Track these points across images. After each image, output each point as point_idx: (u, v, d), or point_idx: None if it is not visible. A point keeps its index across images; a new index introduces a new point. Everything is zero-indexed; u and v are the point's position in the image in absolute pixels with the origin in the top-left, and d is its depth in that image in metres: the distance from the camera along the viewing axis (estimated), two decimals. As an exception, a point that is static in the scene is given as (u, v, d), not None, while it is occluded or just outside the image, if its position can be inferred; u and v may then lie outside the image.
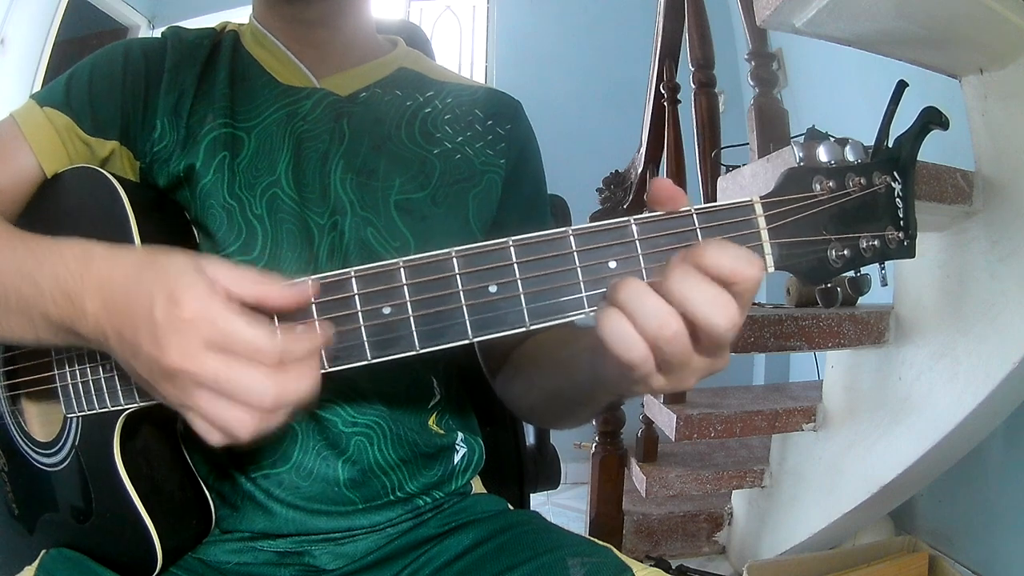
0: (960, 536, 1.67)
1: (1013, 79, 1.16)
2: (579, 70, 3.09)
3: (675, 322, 0.41)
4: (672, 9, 1.96)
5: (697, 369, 0.44)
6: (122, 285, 0.46)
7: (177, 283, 0.43)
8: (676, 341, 0.41)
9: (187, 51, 0.71)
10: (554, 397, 0.65)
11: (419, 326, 0.46)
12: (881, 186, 0.47)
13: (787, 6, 1.06)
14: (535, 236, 0.45)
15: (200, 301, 0.43)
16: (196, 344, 0.42)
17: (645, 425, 1.89)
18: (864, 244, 0.47)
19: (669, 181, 0.46)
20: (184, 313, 0.43)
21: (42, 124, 0.65)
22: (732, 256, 0.41)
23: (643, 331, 0.41)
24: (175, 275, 0.44)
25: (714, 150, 1.75)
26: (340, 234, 0.67)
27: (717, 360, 0.44)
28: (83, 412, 0.58)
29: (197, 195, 0.65)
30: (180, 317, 0.42)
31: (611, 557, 0.63)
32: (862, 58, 1.35)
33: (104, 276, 0.47)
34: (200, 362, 0.42)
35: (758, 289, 0.42)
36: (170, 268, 0.45)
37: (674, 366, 0.43)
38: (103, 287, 0.46)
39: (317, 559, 0.66)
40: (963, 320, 1.25)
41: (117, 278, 0.46)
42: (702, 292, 0.41)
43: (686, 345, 0.42)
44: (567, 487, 2.62)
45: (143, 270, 0.46)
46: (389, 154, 0.70)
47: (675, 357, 0.42)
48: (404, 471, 0.69)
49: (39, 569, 0.60)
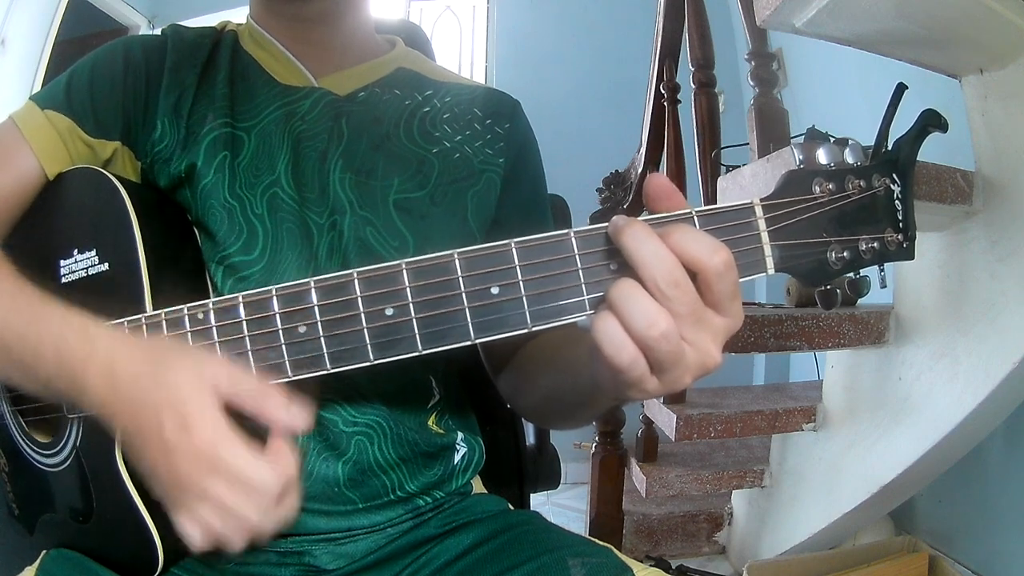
0: (960, 536, 1.67)
1: (1013, 79, 1.16)
2: (579, 70, 3.08)
3: (663, 320, 0.41)
4: (672, 9, 1.96)
5: (690, 367, 0.44)
6: (128, 393, 0.48)
7: (187, 408, 0.45)
8: (665, 340, 0.41)
9: (188, 50, 0.71)
10: (556, 398, 0.65)
11: (421, 328, 0.46)
12: (880, 188, 0.47)
13: (787, 6, 1.06)
14: (537, 238, 0.45)
15: (210, 432, 0.45)
16: (206, 469, 0.45)
17: (645, 425, 1.89)
18: (864, 246, 0.47)
19: (664, 177, 0.46)
20: (195, 441, 0.45)
21: (43, 126, 0.65)
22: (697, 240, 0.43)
23: (631, 331, 0.41)
24: (184, 398, 0.46)
25: (714, 150, 1.74)
26: (339, 233, 0.67)
27: (709, 356, 0.44)
28: (84, 413, 0.58)
29: (198, 195, 0.65)
30: (192, 444, 0.45)
31: (611, 557, 0.63)
32: (862, 58, 1.35)
33: (108, 369, 0.48)
34: (209, 484, 0.45)
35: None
36: (178, 389, 0.46)
37: (666, 365, 0.43)
38: (106, 380, 0.48)
39: (317, 559, 0.66)
40: (963, 320, 1.25)
41: (122, 379, 0.48)
42: (698, 238, 0.42)
43: (677, 344, 0.42)
44: (567, 487, 2.62)
45: (150, 384, 0.47)
46: (388, 153, 0.70)
47: (666, 356, 0.42)
48: (404, 471, 0.69)
49: (39, 569, 0.60)
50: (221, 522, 0.46)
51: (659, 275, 0.42)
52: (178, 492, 0.46)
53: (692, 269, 0.42)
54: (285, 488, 0.47)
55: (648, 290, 0.42)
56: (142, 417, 0.47)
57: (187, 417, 0.45)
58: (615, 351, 0.42)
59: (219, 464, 0.45)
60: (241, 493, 0.45)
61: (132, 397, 0.47)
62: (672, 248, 0.42)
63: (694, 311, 0.43)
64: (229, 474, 0.45)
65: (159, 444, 0.46)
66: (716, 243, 0.43)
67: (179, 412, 0.45)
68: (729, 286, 0.43)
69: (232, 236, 0.65)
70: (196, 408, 0.45)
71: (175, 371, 0.47)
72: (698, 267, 0.42)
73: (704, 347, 0.44)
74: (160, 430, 0.46)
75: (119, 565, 0.60)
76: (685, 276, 0.42)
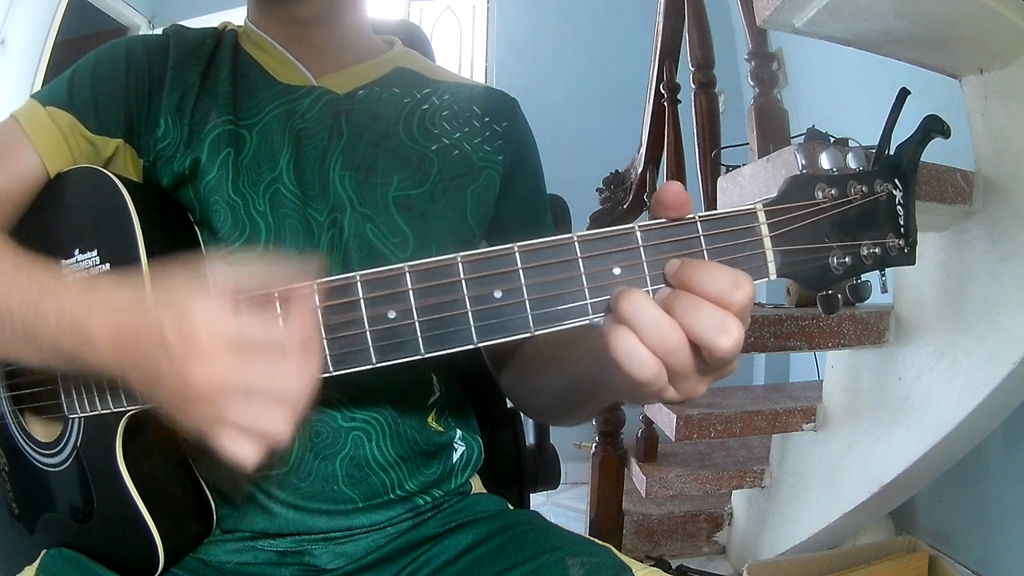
0: (960, 536, 1.67)
1: (1013, 79, 1.16)
2: (579, 70, 3.08)
3: (676, 334, 0.41)
4: (672, 9, 1.96)
5: (707, 377, 0.44)
6: (128, 312, 0.46)
7: (182, 302, 0.43)
8: (680, 351, 0.42)
9: (190, 49, 0.71)
10: (558, 395, 0.65)
11: (424, 331, 0.46)
12: (883, 194, 0.47)
13: (787, 6, 1.06)
14: (540, 242, 0.46)
15: (209, 315, 0.43)
16: (218, 356, 0.42)
17: (645, 425, 1.89)
18: (865, 251, 0.47)
19: (680, 187, 0.46)
20: (197, 330, 0.42)
21: (45, 123, 0.65)
22: (724, 281, 0.42)
23: (649, 345, 0.41)
24: (179, 294, 0.44)
25: (714, 150, 1.74)
26: (340, 230, 0.67)
27: (723, 371, 0.45)
28: (85, 413, 0.58)
29: (201, 192, 0.66)
30: (193, 335, 0.42)
31: (611, 557, 0.63)
32: (862, 58, 1.36)
33: (109, 303, 0.47)
34: (228, 371, 0.42)
35: (753, 302, 0.43)
36: (172, 288, 0.45)
37: (683, 376, 0.43)
38: (110, 315, 0.47)
39: (317, 559, 0.67)
40: (963, 320, 1.25)
41: (123, 305, 0.46)
42: (704, 316, 0.41)
43: (690, 356, 0.42)
44: (567, 487, 2.62)
45: (144, 295, 0.46)
46: (387, 151, 0.71)
47: (683, 368, 0.42)
48: (403, 469, 0.69)
49: (40, 569, 0.60)
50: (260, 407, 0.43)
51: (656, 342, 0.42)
52: (202, 413, 0.43)
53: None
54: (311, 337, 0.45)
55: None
56: (146, 335, 0.44)
57: (183, 311, 0.43)
58: (638, 367, 0.42)
59: (230, 341, 0.42)
60: (266, 361, 0.43)
61: (134, 317, 0.45)
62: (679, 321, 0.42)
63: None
64: (246, 345, 0.43)
65: (167, 356, 0.43)
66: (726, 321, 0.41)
67: (174, 309, 0.43)
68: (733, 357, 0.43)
69: (235, 232, 0.65)
70: (191, 299, 0.43)
71: (170, 276, 0.46)
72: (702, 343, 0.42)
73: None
74: (163, 338, 0.43)
75: (119, 565, 0.60)
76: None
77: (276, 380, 0.43)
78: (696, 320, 0.41)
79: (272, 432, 0.43)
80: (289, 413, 0.43)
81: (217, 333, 0.42)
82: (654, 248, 0.45)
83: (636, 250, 0.45)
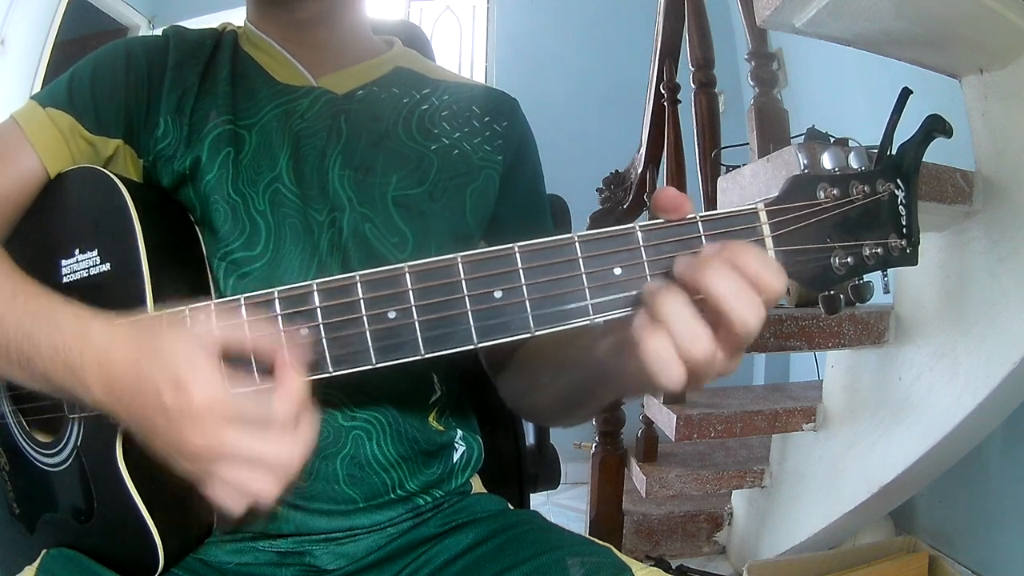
0: (960, 536, 1.67)
1: (1013, 79, 1.16)
2: (579, 70, 3.08)
3: (708, 344, 0.42)
4: (672, 9, 1.96)
5: (710, 376, 0.45)
6: (123, 370, 0.47)
7: (179, 369, 0.45)
8: (708, 360, 0.43)
9: (189, 49, 0.71)
10: (556, 396, 0.65)
11: (424, 331, 0.46)
12: (884, 194, 0.47)
13: (787, 6, 1.06)
14: (541, 242, 0.46)
15: (206, 386, 0.45)
16: (214, 427, 0.44)
17: (645, 425, 1.89)
18: (867, 252, 0.47)
19: (675, 190, 0.46)
20: (194, 400, 0.44)
21: (45, 124, 0.65)
22: (770, 269, 0.42)
23: (681, 350, 0.42)
24: (176, 360, 0.45)
25: (714, 150, 1.74)
26: (339, 230, 0.67)
27: (731, 363, 0.45)
28: (85, 413, 0.58)
29: (201, 191, 0.66)
30: (191, 404, 0.44)
31: (610, 557, 0.63)
32: (862, 58, 1.36)
33: (103, 355, 0.48)
34: (222, 439, 0.44)
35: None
36: (168, 353, 0.46)
37: (698, 380, 0.44)
38: (103, 367, 0.48)
39: (318, 559, 0.66)
40: (963, 320, 1.25)
41: (117, 360, 0.47)
42: (742, 294, 0.42)
43: (714, 365, 0.43)
44: (567, 487, 2.62)
45: (142, 355, 0.47)
46: (387, 151, 0.71)
47: (702, 375, 0.44)
48: (404, 468, 0.69)
49: (40, 569, 0.60)
50: (250, 473, 0.45)
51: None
52: (195, 467, 0.46)
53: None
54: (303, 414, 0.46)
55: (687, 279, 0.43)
56: (142, 394, 0.46)
57: (180, 378, 0.44)
58: (666, 371, 0.42)
59: (226, 412, 0.44)
60: (258, 435, 0.45)
61: (130, 378, 0.47)
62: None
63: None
64: (241, 418, 0.44)
65: (164, 418, 0.45)
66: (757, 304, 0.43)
67: (173, 372, 0.45)
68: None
69: (235, 232, 0.65)
70: (188, 364, 0.45)
71: (166, 339, 0.47)
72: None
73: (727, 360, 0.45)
74: (160, 400, 0.45)
75: (120, 565, 0.60)
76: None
77: (268, 454, 0.45)
78: (734, 296, 0.42)
79: (259, 495, 0.46)
80: (278, 480, 0.46)
81: (215, 407, 0.44)
82: (655, 248, 0.45)
83: (637, 250, 0.45)
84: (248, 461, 0.45)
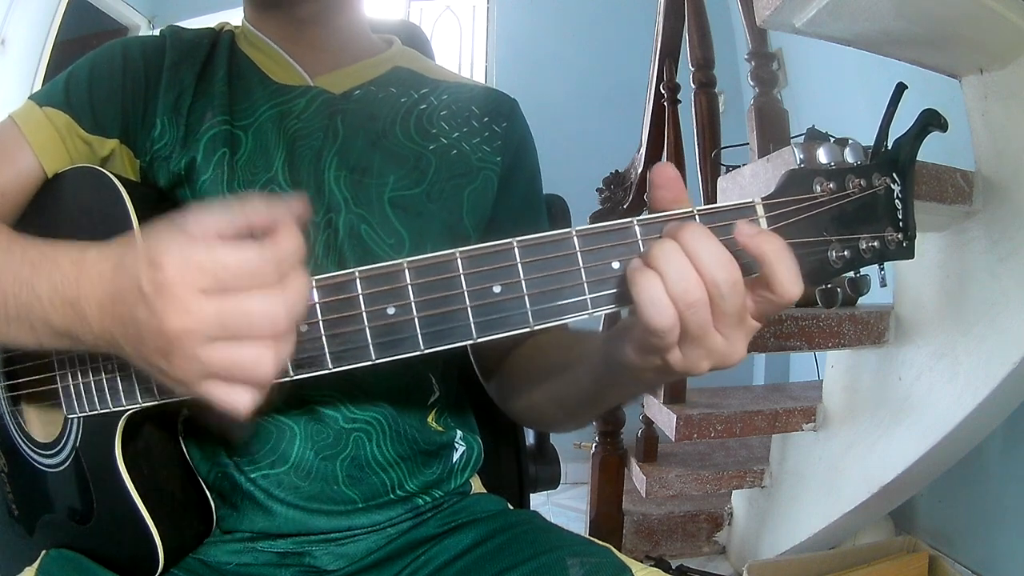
0: (960, 536, 1.67)
1: (1013, 79, 1.16)
2: (579, 70, 3.08)
3: (700, 290, 0.42)
4: (672, 9, 1.96)
5: (712, 351, 0.45)
6: (111, 273, 0.45)
7: (153, 248, 0.42)
8: (700, 308, 0.43)
9: (186, 50, 0.71)
10: (552, 402, 0.65)
11: (423, 327, 0.46)
12: (880, 187, 0.47)
13: (787, 6, 1.06)
14: (539, 237, 0.46)
15: (177, 254, 0.41)
16: (191, 300, 0.40)
17: (645, 425, 1.89)
18: (864, 245, 0.47)
19: (672, 168, 0.47)
20: (167, 272, 0.41)
21: (42, 124, 0.65)
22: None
23: (671, 293, 0.42)
24: (151, 242, 0.42)
25: (714, 150, 1.75)
26: (335, 231, 0.67)
27: (735, 350, 0.45)
28: (84, 413, 0.58)
29: (197, 192, 0.66)
30: (164, 278, 0.41)
31: (610, 557, 0.63)
32: (862, 58, 1.36)
33: (97, 273, 0.46)
34: (200, 312, 0.40)
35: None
36: (146, 239, 0.43)
37: (693, 336, 0.44)
38: (96, 285, 0.46)
39: (317, 559, 0.66)
40: (963, 320, 1.25)
41: (107, 270, 0.45)
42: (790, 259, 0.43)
43: (707, 316, 0.43)
44: (567, 487, 2.62)
45: (125, 253, 0.45)
46: (384, 151, 0.70)
47: (696, 329, 0.43)
48: (403, 469, 0.69)
49: (39, 570, 0.60)
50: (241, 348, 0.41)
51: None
52: (185, 365, 0.42)
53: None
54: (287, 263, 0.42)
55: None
56: (125, 290, 0.43)
57: (153, 257, 0.41)
58: (656, 312, 0.42)
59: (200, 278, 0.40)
60: (239, 297, 0.41)
61: (115, 276, 0.44)
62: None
63: (739, 311, 0.44)
64: (217, 279, 0.41)
65: (143, 306, 0.42)
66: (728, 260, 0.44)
67: (146, 257, 0.42)
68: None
69: None
70: (161, 244, 0.42)
71: (147, 231, 0.44)
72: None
73: (734, 340, 0.45)
74: (139, 288, 0.42)
75: (119, 566, 0.60)
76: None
77: (253, 316, 0.41)
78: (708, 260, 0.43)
79: (257, 373, 0.42)
80: (271, 350, 0.42)
81: (187, 273, 0.41)
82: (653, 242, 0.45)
83: (635, 244, 0.46)
84: (235, 333, 0.41)
